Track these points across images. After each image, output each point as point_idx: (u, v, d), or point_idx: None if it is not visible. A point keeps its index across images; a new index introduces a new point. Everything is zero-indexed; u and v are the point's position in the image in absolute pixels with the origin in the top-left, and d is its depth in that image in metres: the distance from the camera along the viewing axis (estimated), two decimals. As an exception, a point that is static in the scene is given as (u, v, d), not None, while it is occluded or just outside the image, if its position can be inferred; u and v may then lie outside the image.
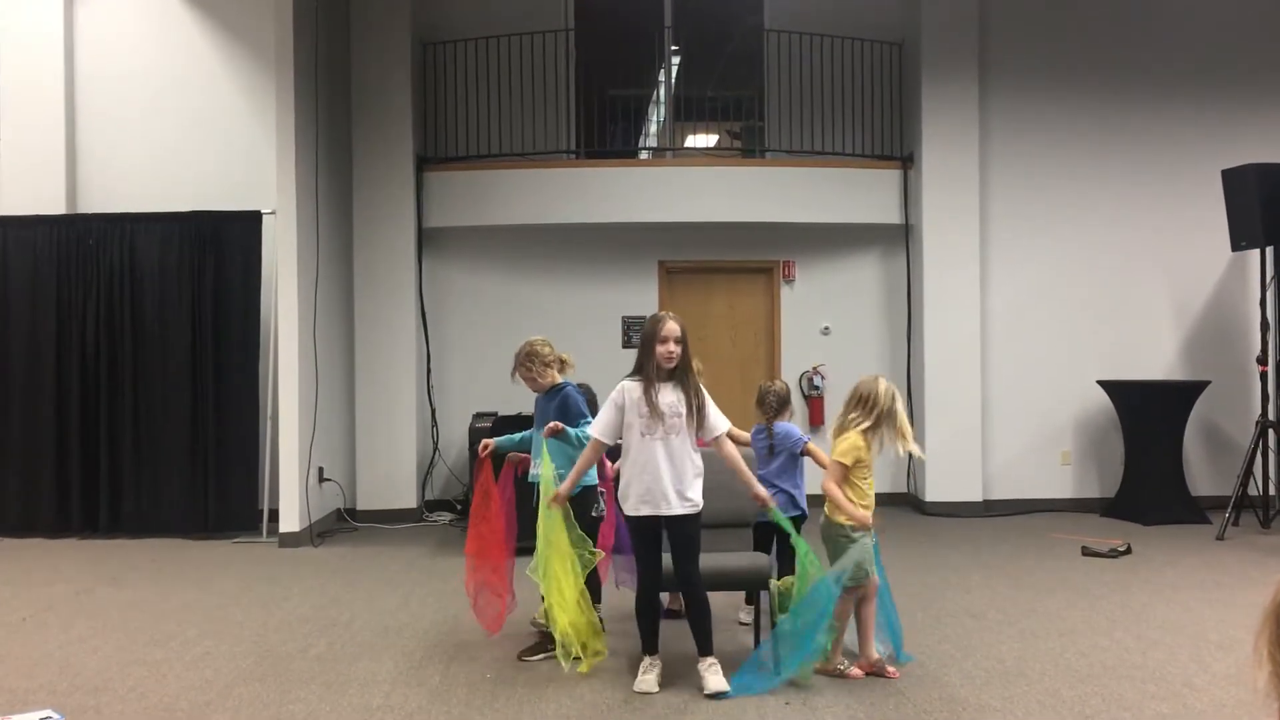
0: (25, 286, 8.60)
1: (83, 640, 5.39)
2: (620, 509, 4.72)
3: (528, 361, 5.23)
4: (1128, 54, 9.61)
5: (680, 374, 4.59)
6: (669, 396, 4.56)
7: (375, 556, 7.64)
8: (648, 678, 4.55)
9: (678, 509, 4.54)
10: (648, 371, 4.57)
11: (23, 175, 8.89)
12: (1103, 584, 6.53)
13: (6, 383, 8.59)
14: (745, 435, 5.59)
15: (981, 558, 7.44)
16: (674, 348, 4.55)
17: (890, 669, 4.75)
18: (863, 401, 4.83)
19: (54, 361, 8.54)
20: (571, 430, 4.98)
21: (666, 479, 4.52)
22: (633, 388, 4.60)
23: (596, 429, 4.67)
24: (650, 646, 4.66)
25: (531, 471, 5.09)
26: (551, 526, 4.69)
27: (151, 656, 5.09)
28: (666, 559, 4.64)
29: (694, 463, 4.60)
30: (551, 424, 4.95)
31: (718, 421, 4.64)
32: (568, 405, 5.12)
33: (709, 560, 4.75)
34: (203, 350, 8.50)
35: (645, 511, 4.55)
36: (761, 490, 4.70)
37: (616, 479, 4.80)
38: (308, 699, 4.46)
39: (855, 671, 4.72)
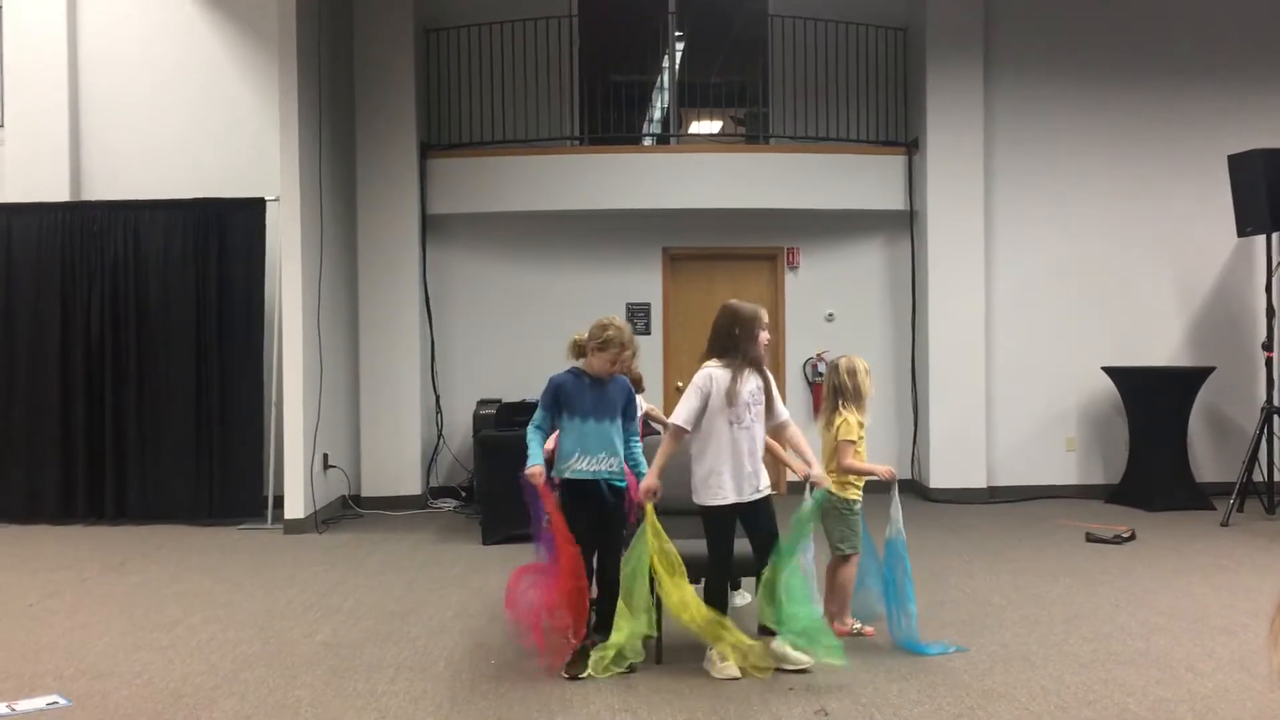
0: (29, 274, 8.60)
1: (88, 626, 5.41)
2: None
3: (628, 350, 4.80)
4: (1133, 38, 9.56)
5: (759, 362, 4.71)
6: (751, 384, 4.63)
7: (380, 543, 7.65)
8: (727, 665, 4.52)
9: (757, 494, 4.65)
10: (746, 358, 4.63)
11: (26, 162, 8.89)
12: (1107, 570, 6.53)
13: (11, 370, 8.60)
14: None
15: (986, 544, 7.44)
16: (768, 336, 4.76)
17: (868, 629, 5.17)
18: (840, 390, 5.20)
19: (59, 349, 8.54)
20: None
21: (748, 466, 4.62)
22: (722, 376, 4.61)
23: (682, 417, 4.59)
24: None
25: (586, 466, 4.73)
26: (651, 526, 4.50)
27: (157, 642, 5.11)
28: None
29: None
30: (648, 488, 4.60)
31: (782, 408, 4.75)
32: (632, 394, 4.96)
33: (700, 547, 4.75)
34: (207, 337, 8.51)
35: (733, 500, 4.60)
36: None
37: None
38: (313, 684, 4.47)
39: (870, 629, 5.13)
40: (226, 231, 8.55)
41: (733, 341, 4.66)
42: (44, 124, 8.95)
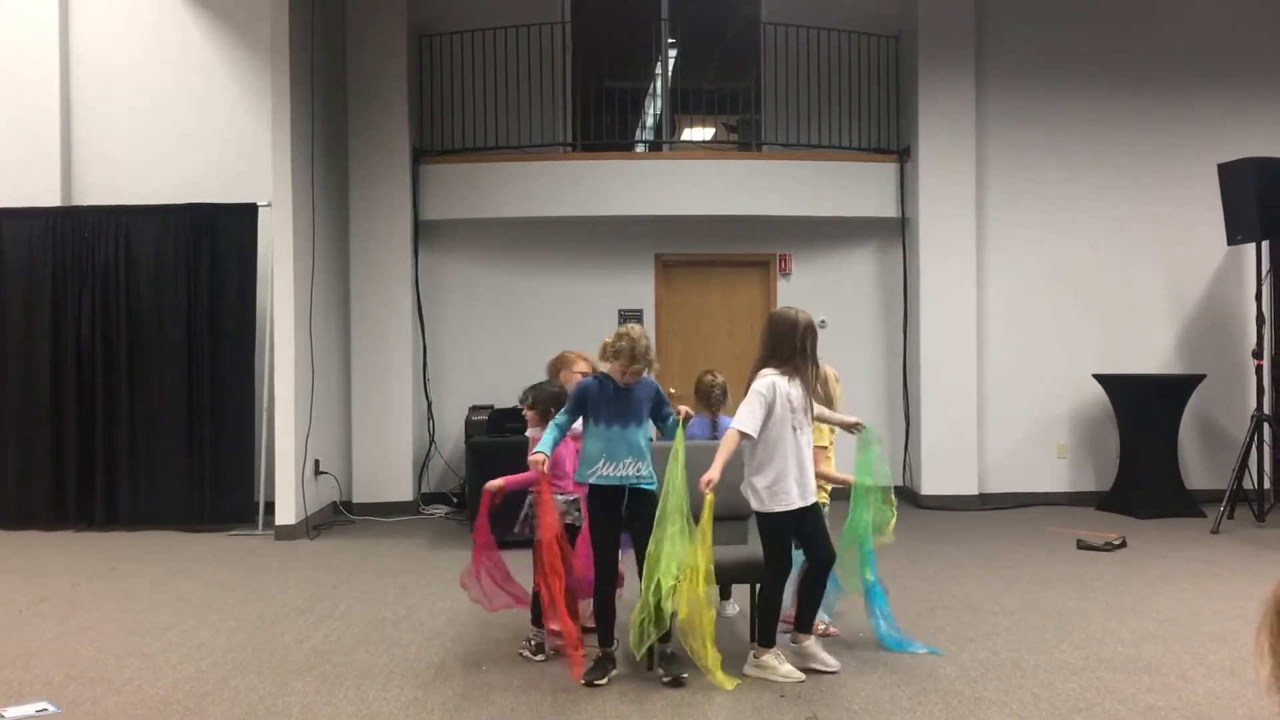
0: (20, 279, 8.57)
1: (78, 632, 5.39)
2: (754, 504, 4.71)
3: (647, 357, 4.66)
4: (1124, 47, 9.61)
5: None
6: (804, 389, 4.68)
7: (371, 549, 7.64)
8: (786, 667, 4.59)
9: (813, 498, 4.72)
10: (798, 366, 4.66)
11: (17, 167, 8.85)
12: (1098, 577, 6.55)
13: (2, 375, 8.57)
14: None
15: (977, 551, 7.46)
16: None
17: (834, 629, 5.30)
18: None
19: (49, 355, 8.52)
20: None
21: (809, 470, 4.67)
22: (784, 383, 4.62)
23: (749, 424, 4.55)
24: (770, 639, 4.68)
25: (612, 472, 4.63)
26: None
27: (147, 648, 5.09)
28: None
29: None
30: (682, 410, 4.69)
31: (819, 405, 4.86)
32: (661, 396, 4.80)
33: (732, 553, 4.80)
34: (199, 343, 8.49)
35: (798, 505, 4.62)
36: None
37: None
38: (304, 691, 4.46)
39: (835, 629, 5.25)
40: (218, 237, 8.53)
41: (799, 350, 4.69)
42: (35, 129, 8.92)
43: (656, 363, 4.71)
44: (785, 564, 4.69)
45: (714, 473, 4.49)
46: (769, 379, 4.63)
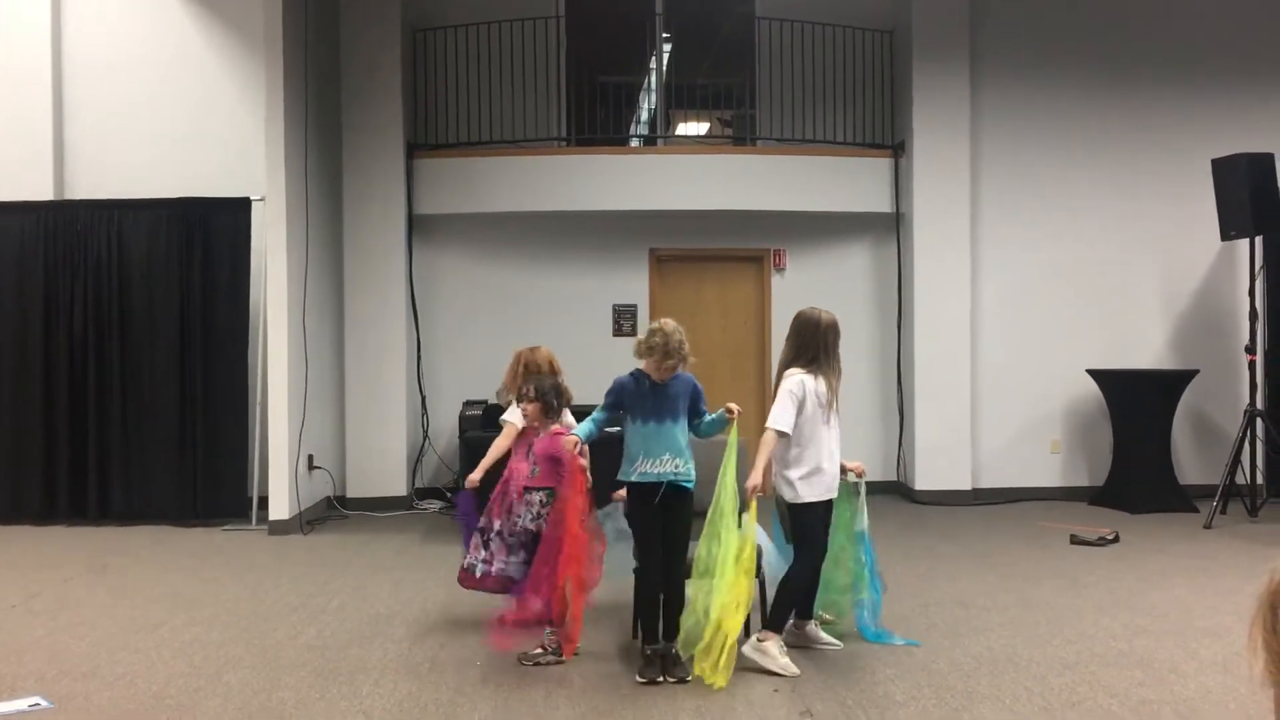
0: (12, 274, 8.52)
1: (71, 627, 5.38)
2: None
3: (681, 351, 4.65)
4: (1119, 42, 9.61)
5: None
6: (827, 386, 4.79)
7: (365, 544, 7.63)
8: (785, 659, 4.64)
9: (836, 491, 4.88)
10: (821, 363, 4.80)
11: (10, 164, 8.80)
12: (1091, 572, 6.56)
13: (-6, 370, 8.55)
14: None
15: (971, 546, 7.47)
16: None
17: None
18: None
19: (41, 349, 8.48)
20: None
21: (836, 462, 4.83)
22: (810, 379, 4.76)
23: (784, 423, 4.67)
24: (781, 626, 4.75)
25: (651, 468, 4.59)
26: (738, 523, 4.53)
27: (140, 643, 5.08)
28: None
29: None
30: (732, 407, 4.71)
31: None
32: (699, 393, 4.78)
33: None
34: (192, 337, 8.46)
35: (828, 495, 4.79)
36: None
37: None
38: (297, 686, 4.45)
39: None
40: (211, 231, 8.49)
41: (823, 349, 4.83)
42: (28, 125, 8.87)
43: (691, 357, 4.70)
44: (818, 551, 4.78)
45: (756, 478, 4.62)
46: (797, 377, 4.77)
